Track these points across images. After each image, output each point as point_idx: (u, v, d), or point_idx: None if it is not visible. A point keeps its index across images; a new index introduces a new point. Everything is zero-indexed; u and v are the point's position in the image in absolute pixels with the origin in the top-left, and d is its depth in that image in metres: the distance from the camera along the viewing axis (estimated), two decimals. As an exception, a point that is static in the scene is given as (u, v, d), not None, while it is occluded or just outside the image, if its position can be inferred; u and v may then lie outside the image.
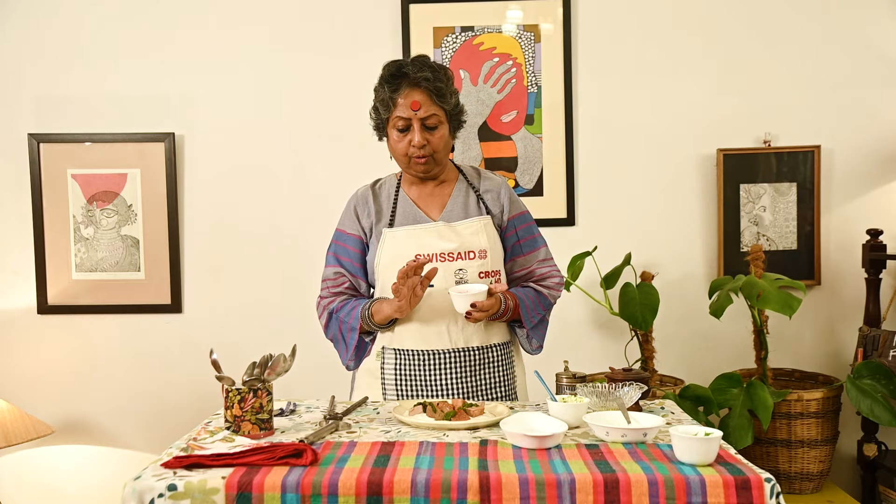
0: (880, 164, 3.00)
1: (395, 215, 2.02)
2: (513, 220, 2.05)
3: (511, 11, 3.01)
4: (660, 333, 2.93)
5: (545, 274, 2.07)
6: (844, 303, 3.04)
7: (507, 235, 2.05)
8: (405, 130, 1.93)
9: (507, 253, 2.06)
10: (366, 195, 2.06)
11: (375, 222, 2.02)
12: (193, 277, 3.10)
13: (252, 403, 1.61)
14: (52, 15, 3.06)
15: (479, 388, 1.98)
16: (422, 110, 1.91)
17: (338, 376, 2.99)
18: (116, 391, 3.10)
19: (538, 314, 2.03)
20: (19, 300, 3.09)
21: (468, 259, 1.96)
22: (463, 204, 2.03)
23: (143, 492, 1.35)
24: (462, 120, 2.02)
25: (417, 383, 1.97)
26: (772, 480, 1.35)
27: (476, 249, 1.96)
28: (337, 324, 2.03)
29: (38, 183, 3.05)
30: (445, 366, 1.96)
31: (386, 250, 1.98)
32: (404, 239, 1.98)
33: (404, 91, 1.91)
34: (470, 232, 1.98)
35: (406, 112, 1.91)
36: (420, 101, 1.90)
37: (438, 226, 1.98)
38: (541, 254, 2.08)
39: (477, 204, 2.03)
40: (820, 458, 2.70)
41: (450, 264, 1.95)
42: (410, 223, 2.00)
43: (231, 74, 3.06)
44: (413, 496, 1.34)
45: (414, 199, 2.04)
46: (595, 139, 3.05)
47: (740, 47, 3.01)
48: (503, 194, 2.05)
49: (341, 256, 2.05)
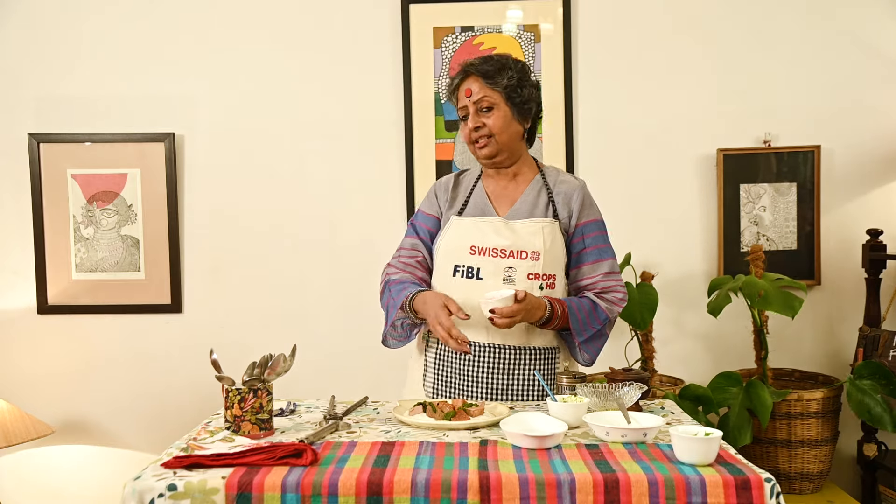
0: (880, 164, 3.00)
1: (466, 205, 2.06)
2: (581, 226, 2.01)
3: (511, 11, 3.01)
4: (660, 333, 2.93)
5: (609, 287, 2.00)
6: (844, 303, 3.04)
7: (573, 242, 2.01)
8: (465, 118, 2.01)
9: (573, 260, 2.02)
10: (448, 182, 2.13)
11: (448, 208, 2.08)
12: (193, 277, 3.10)
13: (252, 403, 1.61)
14: (53, 15, 3.06)
15: (514, 388, 1.95)
16: (474, 95, 1.97)
17: (338, 376, 3.00)
18: (116, 391, 3.10)
19: (592, 328, 1.96)
20: (19, 300, 3.09)
21: (520, 258, 1.95)
22: (532, 203, 2.02)
23: (143, 492, 1.35)
24: (528, 106, 2.00)
25: (454, 374, 1.96)
26: (772, 480, 1.35)
27: (529, 250, 1.95)
28: (388, 296, 2.04)
29: (38, 183, 3.05)
30: (482, 359, 1.95)
31: (448, 236, 2.03)
32: (466, 228, 2.01)
33: (459, 80, 2.01)
34: (527, 232, 1.97)
35: (463, 101, 2.00)
36: (471, 88, 1.98)
37: (497, 221, 2.00)
38: (606, 266, 2.01)
39: (546, 205, 2.02)
40: (820, 458, 2.70)
41: (501, 261, 1.95)
42: (478, 215, 2.03)
43: (231, 74, 3.06)
44: (413, 496, 1.34)
45: (489, 192, 2.07)
46: (595, 139, 3.05)
47: (740, 47, 3.01)
48: (575, 199, 2.01)
49: (420, 233, 2.11)
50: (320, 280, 3.06)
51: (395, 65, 3.03)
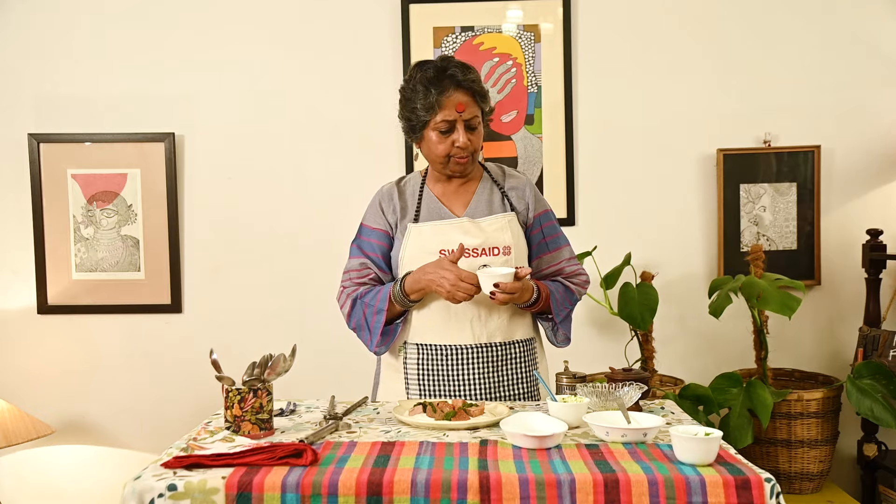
0: (880, 164, 3.00)
1: (419, 211, 2.03)
2: (538, 217, 2.07)
3: (511, 11, 3.01)
4: (659, 333, 2.93)
5: (574, 271, 2.09)
6: (844, 303, 3.04)
7: (532, 233, 2.07)
8: (448, 132, 1.94)
9: (533, 251, 2.07)
10: (391, 191, 2.07)
11: (400, 218, 2.03)
12: (193, 277, 3.10)
13: (252, 403, 1.61)
14: (52, 15, 3.06)
15: (501, 385, 1.98)
16: (466, 111, 1.93)
17: (338, 376, 3.00)
18: (116, 391, 3.10)
19: (566, 308, 2.05)
20: (19, 300, 3.09)
21: (492, 255, 1.97)
22: (487, 201, 2.04)
23: (143, 492, 1.35)
24: (490, 119, 2.05)
25: (440, 378, 1.97)
26: (772, 480, 1.35)
27: (500, 245, 1.98)
28: (361, 309, 1.98)
29: (38, 183, 3.05)
30: (468, 361, 1.96)
31: (411, 244, 1.99)
32: (429, 234, 1.99)
33: (450, 93, 1.91)
34: (494, 228, 1.99)
35: (451, 115, 1.92)
36: (465, 103, 1.92)
37: (463, 221, 2.00)
38: (566, 252, 2.10)
39: (502, 201, 2.05)
40: (820, 458, 2.70)
41: (474, 260, 1.96)
42: (434, 219, 2.01)
43: (231, 74, 3.06)
44: (413, 496, 1.34)
45: (438, 195, 2.05)
46: (595, 139, 3.05)
47: (740, 47, 3.01)
48: (528, 192, 2.08)
49: (365, 249, 2.05)
50: (320, 280, 3.05)
51: (396, 65, 3.03)
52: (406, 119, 2.00)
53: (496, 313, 1.98)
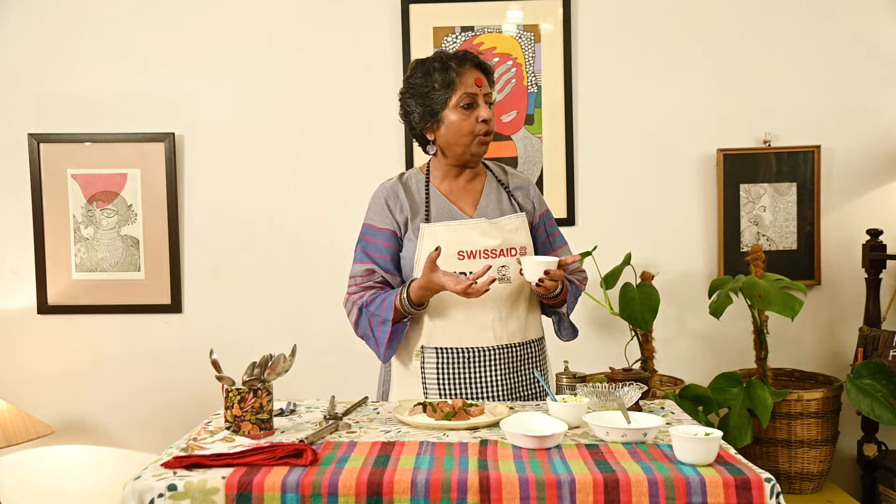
0: (880, 164, 3.00)
1: (429, 210, 1.98)
2: (542, 216, 2.10)
3: (511, 11, 3.01)
4: (660, 333, 2.93)
5: (576, 269, 2.13)
6: (844, 303, 3.04)
7: (538, 232, 2.09)
8: (469, 107, 1.92)
9: (539, 250, 2.08)
10: (396, 188, 2.00)
11: (411, 217, 1.96)
12: (193, 277, 3.10)
13: (252, 403, 1.61)
14: (52, 15, 3.06)
15: (519, 386, 1.97)
16: (484, 87, 1.94)
17: (338, 376, 3.00)
18: (116, 391, 3.10)
19: (574, 302, 2.08)
20: (19, 300, 3.09)
21: (510, 255, 1.96)
22: (497, 200, 2.03)
23: (143, 492, 1.35)
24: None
25: (460, 382, 1.94)
26: (772, 480, 1.35)
27: (517, 246, 1.98)
28: (367, 319, 1.93)
29: (38, 183, 3.05)
30: (489, 363, 1.94)
31: (426, 246, 1.92)
32: (445, 234, 1.93)
33: (467, 67, 1.93)
34: (511, 228, 1.99)
35: (472, 88, 1.92)
36: (481, 79, 1.94)
37: (481, 222, 1.97)
38: (566, 251, 2.12)
39: (510, 201, 2.05)
40: (820, 458, 2.70)
41: (493, 261, 1.93)
42: (446, 219, 1.97)
43: (231, 75, 3.06)
44: (413, 496, 1.34)
45: (445, 193, 2.01)
46: (595, 139, 3.05)
47: (740, 47, 3.01)
48: (532, 192, 2.10)
49: (371, 252, 1.97)
50: (320, 280, 3.05)
51: (396, 65, 3.03)
52: (422, 105, 1.94)
53: (515, 314, 1.97)
